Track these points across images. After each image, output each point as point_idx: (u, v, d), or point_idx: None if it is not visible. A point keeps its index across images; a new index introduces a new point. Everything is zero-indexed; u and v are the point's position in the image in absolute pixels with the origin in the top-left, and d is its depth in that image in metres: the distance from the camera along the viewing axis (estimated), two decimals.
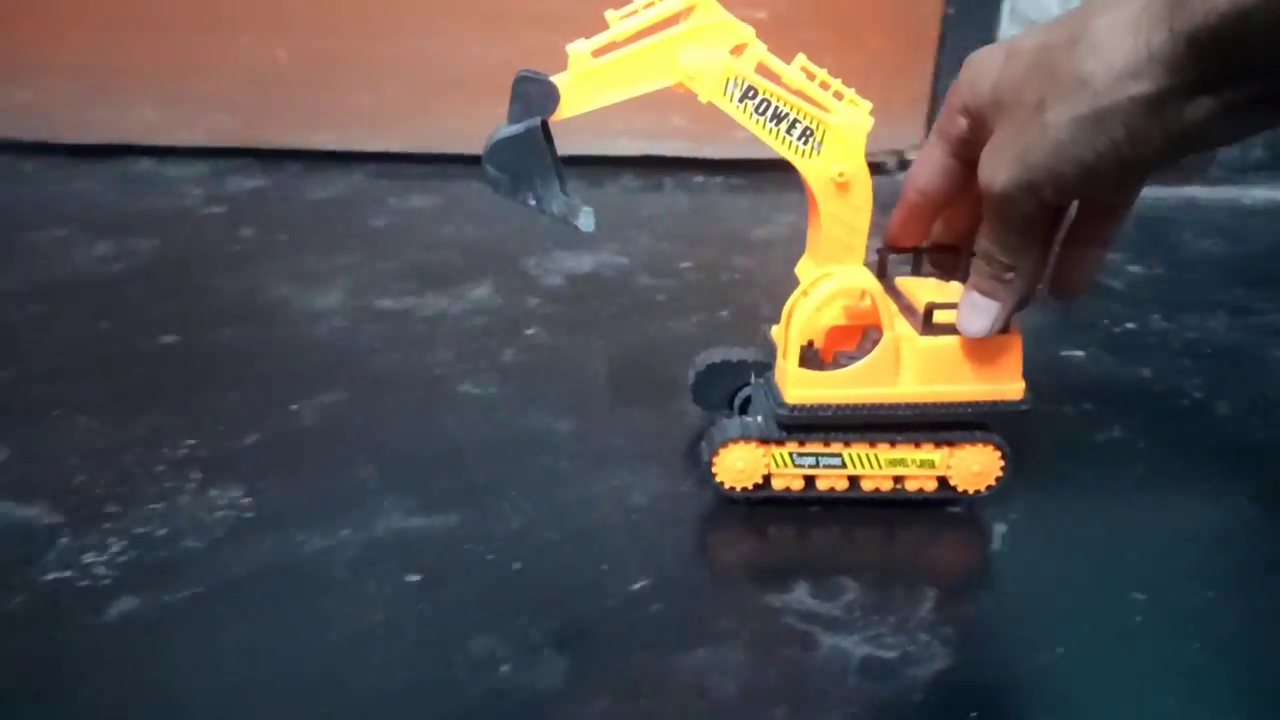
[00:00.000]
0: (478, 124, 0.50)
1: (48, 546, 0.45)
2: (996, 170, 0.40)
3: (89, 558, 0.45)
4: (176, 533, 0.46)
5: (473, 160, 0.47)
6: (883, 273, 0.49)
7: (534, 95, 0.43)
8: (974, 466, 0.49)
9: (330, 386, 0.60)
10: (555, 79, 0.43)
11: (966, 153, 0.44)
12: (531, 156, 0.44)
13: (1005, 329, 0.46)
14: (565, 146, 0.45)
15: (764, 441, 0.48)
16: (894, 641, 0.41)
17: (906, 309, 0.48)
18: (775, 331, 0.50)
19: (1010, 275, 0.43)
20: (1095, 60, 0.36)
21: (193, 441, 0.54)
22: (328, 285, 0.75)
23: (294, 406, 0.58)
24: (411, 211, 0.92)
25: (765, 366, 0.52)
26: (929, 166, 0.47)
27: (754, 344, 0.56)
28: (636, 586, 0.44)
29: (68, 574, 0.44)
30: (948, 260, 0.50)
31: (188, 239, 0.84)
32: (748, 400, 0.54)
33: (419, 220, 0.90)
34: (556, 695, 0.38)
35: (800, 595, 0.44)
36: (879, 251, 0.50)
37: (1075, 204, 0.45)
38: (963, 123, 0.44)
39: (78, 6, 0.99)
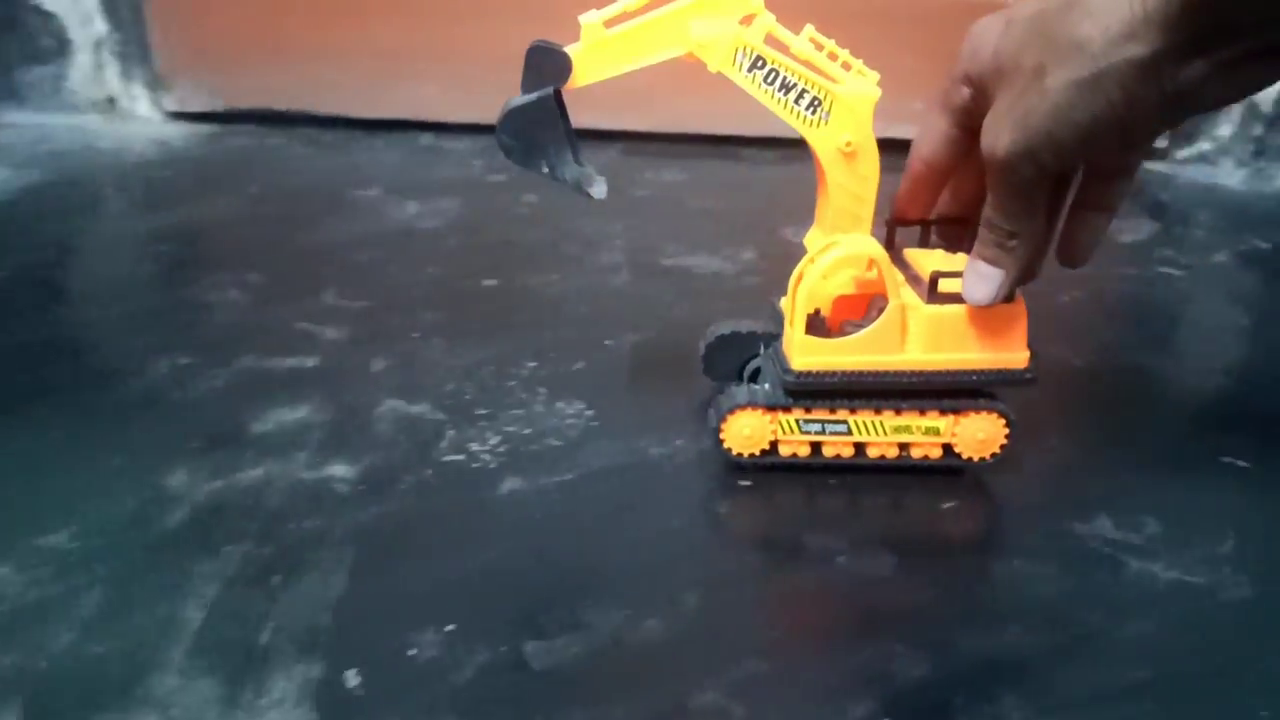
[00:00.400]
0: (717, 105, 0.51)
1: (439, 436, 0.55)
2: (997, 136, 0.40)
3: (474, 447, 0.53)
4: (539, 433, 0.55)
5: (711, 140, 0.51)
6: (890, 244, 0.50)
7: (547, 65, 0.44)
8: (979, 434, 0.49)
9: (635, 329, 0.67)
10: (568, 49, 0.45)
11: (969, 122, 0.45)
12: (544, 125, 0.45)
13: (1010, 298, 0.46)
14: None
15: (771, 408, 0.49)
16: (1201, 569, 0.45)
17: (913, 279, 0.49)
18: (784, 302, 0.50)
19: (1014, 243, 0.43)
20: (1091, 24, 0.36)
21: (533, 364, 0.62)
22: (609, 246, 0.83)
23: (608, 342, 0.66)
24: (666, 184, 1.00)
25: (774, 337, 0.52)
26: (933, 137, 0.47)
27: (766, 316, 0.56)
28: (946, 506, 0.50)
29: (461, 458, 0.53)
30: (955, 232, 0.50)
31: (481, 202, 0.93)
32: (757, 371, 0.55)
33: (674, 192, 0.98)
34: (885, 581, 0.45)
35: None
36: (886, 223, 0.50)
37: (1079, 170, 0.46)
38: (965, 92, 0.44)
39: None
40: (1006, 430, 0.50)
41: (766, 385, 0.51)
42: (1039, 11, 0.39)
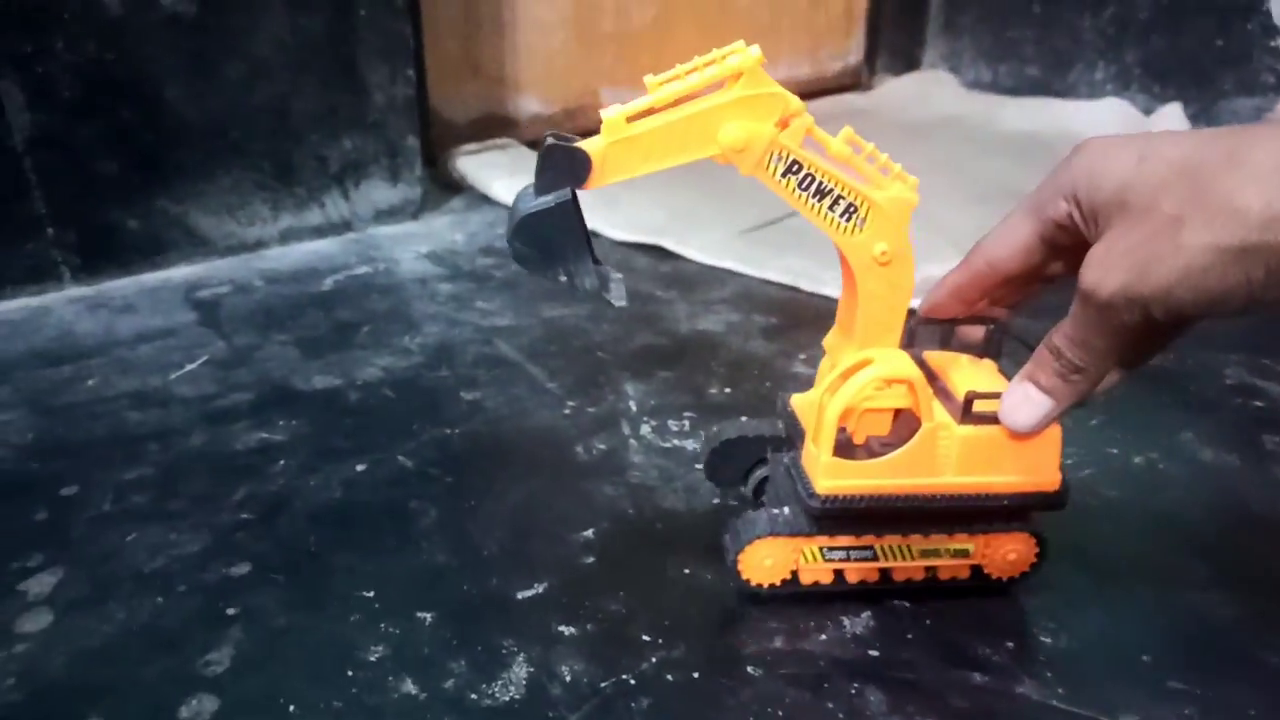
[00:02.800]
0: None
1: None
2: (1106, 274, 0.37)
3: None
4: None
5: None
6: (910, 343, 0.47)
7: (564, 164, 0.40)
8: (1010, 555, 0.47)
9: None
10: (586, 145, 0.41)
11: (1058, 238, 0.42)
12: (563, 230, 0.41)
13: None
14: None
15: (794, 535, 0.46)
16: None
17: (941, 392, 0.46)
18: (795, 401, 0.47)
19: (1078, 377, 0.41)
20: (1254, 192, 0.34)
21: None
22: None
23: None
24: None
25: (782, 442, 0.49)
26: (1011, 240, 0.44)
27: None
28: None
29: None
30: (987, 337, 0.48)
31: None
32: (764, 480, 0.52)
33: None
34: None
35: None
36: (915, 319, 0.47)
37: None
38: (1064, 208, 0.41)
39: None
40: (1037, 550, 0.48)
41: (786, 510, 0.47)
42: (1191, 158, 0.36)
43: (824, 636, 0.47)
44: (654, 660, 0.45)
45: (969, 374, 0.46)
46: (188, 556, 0.52)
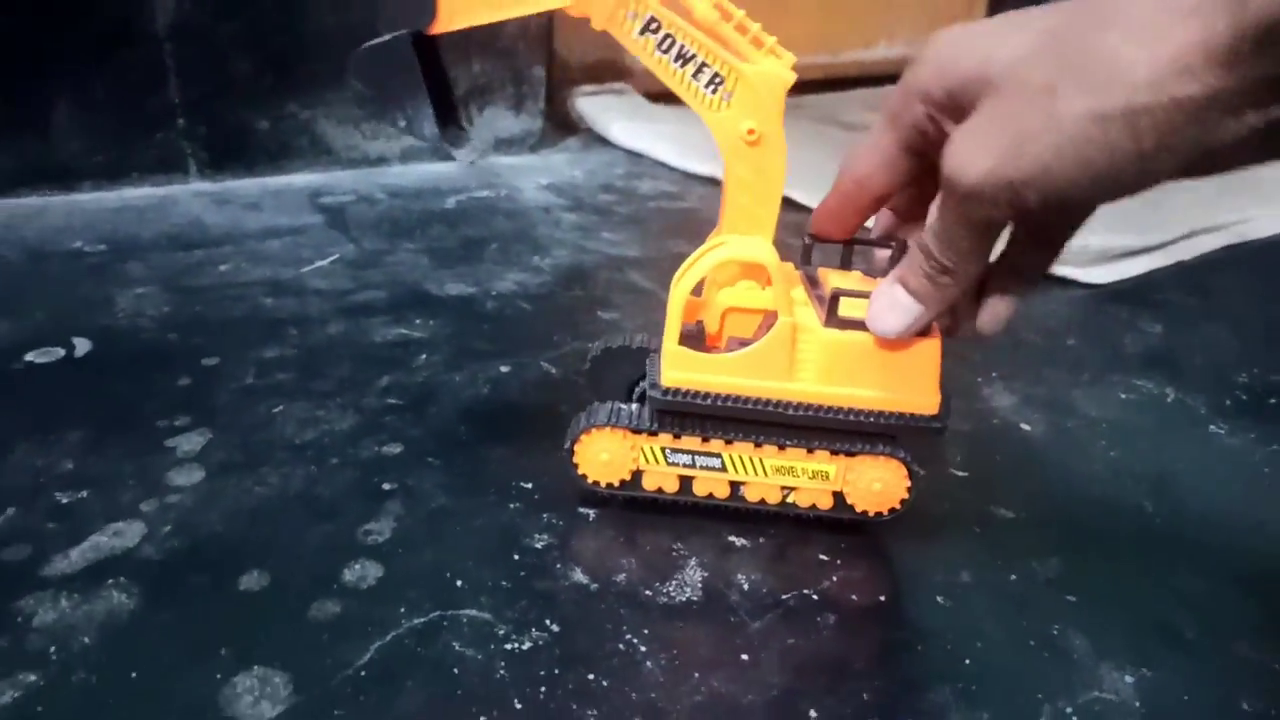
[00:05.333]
0: None
1: None
2: (971, 158, 0.33)
3: None
4: None
5: None
6: (807, 260, 0.44)
7: (405, 4, 0.38)
8: (875, 484, 0.43)
9: None
10: None
11: (919, 145, 0.38)
12: (400, 70, 0.39)
13: (925, 331, 0.39)
14: None
15: (635, 431, 0.42)
16: None
17: (818, 299, 0.42)
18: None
19: (946, 280, 0.37)
20: (1136, 48, 0.29)
21: None
22: None
23: None
24: None
25: None
26: (872, 155, 0.40)
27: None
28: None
29: None
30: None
31: None
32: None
33: None
34: None
35: None
36: (807, 237, 0.43)
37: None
38: (920, 110, 0.36)
39: None
40: (908, 483, 0.43)
41: (635, 405, 0.44)
42: (1062, 24, 0.31)
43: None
44: (835, 579, 0.42)
45: (851, 283, 0.42)
46: (338, 433, 0.50)
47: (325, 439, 0.49)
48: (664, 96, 1.22)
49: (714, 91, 0.39)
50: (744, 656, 0.37)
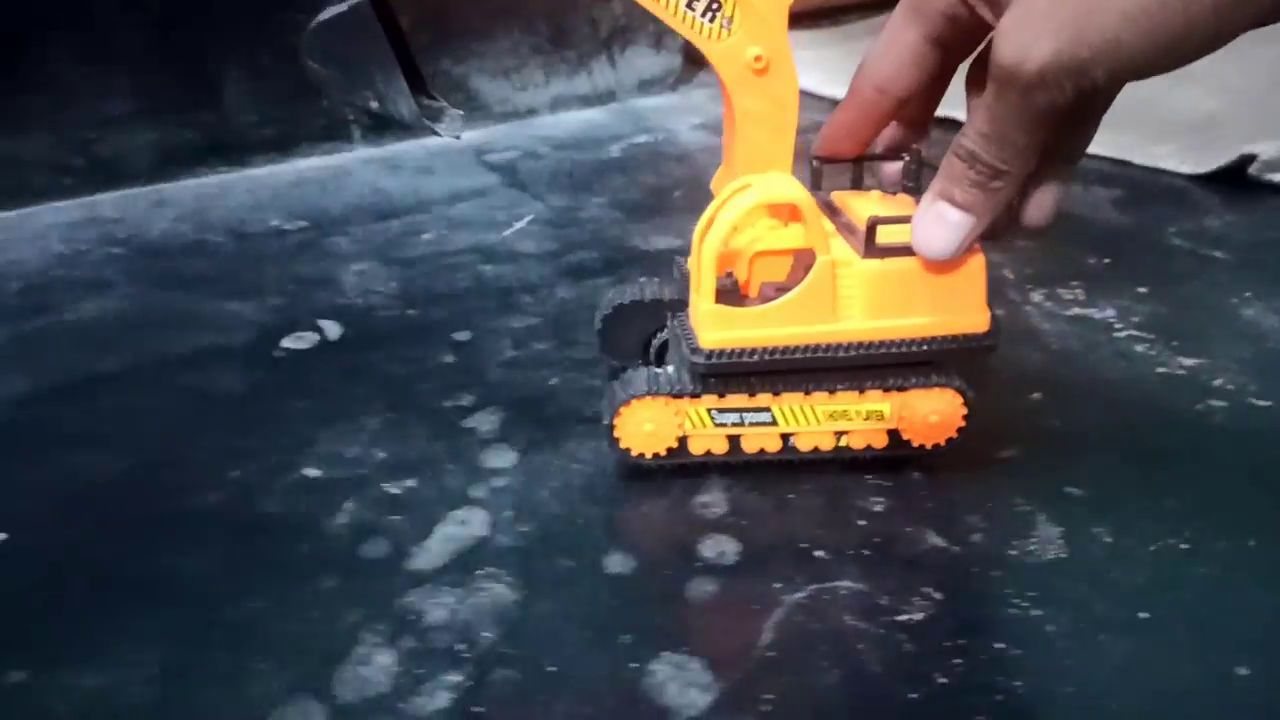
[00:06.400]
0: None
1: None
2: (1032, 44, 0.30)
3: None
4: None
5: None
6: (817, 185, 0.41)
7: None
8: (930, 416, 0.41)
9: None
10: None
11: (948, 36, 0.35)
12: (363, 42, 0.36)
13: None
14: None
15: (676, 396, 0.40)
16: None
17: (845, 227, 0.40)
18: (690, 262, 0.41)
19: (999, 183, 0.34)
20: None
21: None
22: None
23: None
24: None
25: (683, 305, 0.43)
26: (896, 55, 0.37)
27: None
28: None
29: None
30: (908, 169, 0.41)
31: None
32: (664, 346, 0.46)
33: None
34: None
35: None
36: (814, 159, 0.41)
37: None
38: None
39: None
40: (965, 411, 0.41)
41: (670, 368, 0.42)
42: None
43: None
44: (1195, 528, 0.41)
45: (879, 207, 0.39)
46: None
47: None
48: (805, 22, 1.18)
49: (711, 20, 0.36)
50: (1142, 615, 0.36)
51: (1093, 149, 0.40)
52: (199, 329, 0.57)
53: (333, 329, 0.57)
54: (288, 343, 0.55)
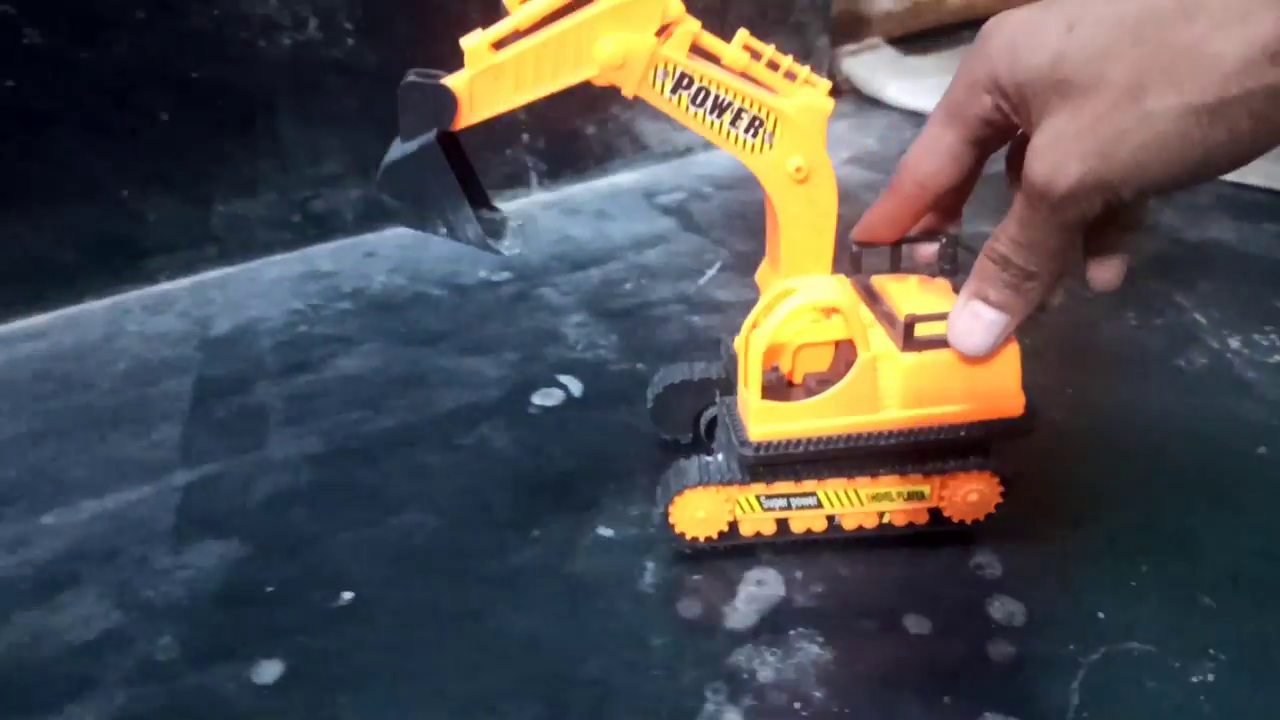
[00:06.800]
0: None
1: None
2: (1065, 164, 0.33)
3: None
4: None
5: None
6: (856, 268, 0.44)
7: (425, 104, 0.37)
8: (970, 495, 0.43)
9: None
10: (448, 80, 0.37)
11: (985, 138, 0.38)
12: (432, 177, 0.38)
13: None
14: None
15: (726, 484, 0.43)
16: None
17: (884, 316, 0.42)
18: (736, 343, 0.43)
19: (1031, 285, 0.37)
20: (1223, 39, 0.29)
21: None
22: None
23: None
24: None
25: (729, 384, 0.46)
26: (936, 153, 0.39)
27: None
28: None
29: None
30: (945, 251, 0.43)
31: None
32: (714, 422, 0.49)
33: None
34: None
35: None
36: (855, 244, 0.44)
37: None
38: (987, 101, 0.36)
39: None
40: (1001, 489, 0.44)
41: (720, 456, 0.44)
42: (1137, 16, 0.31)
43: None
44: None
45: (916, 296, 0.42)
46: None
47: None
48: (914, 47, 1.20)
49: (755, 135, 0.39)
50: None
51: (1256, 182, 0.40)
52: (452, 386, 0.61)
53: (574, 385, 0.61)
54: (537, 399, 0.60)
